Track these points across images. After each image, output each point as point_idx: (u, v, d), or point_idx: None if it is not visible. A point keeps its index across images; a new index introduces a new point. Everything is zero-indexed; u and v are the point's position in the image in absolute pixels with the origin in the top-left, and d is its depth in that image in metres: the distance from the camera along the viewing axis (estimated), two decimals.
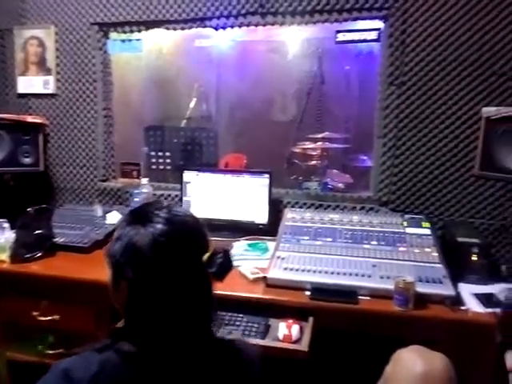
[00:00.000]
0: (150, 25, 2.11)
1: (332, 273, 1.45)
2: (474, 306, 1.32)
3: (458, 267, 1.50)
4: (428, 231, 1.66)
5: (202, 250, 0.79)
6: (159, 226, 0.75)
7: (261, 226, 1.96)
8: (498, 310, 1.27)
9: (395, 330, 1.30)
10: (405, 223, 1.72)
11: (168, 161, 2.53)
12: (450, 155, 1.81)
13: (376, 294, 1.37)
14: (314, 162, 3.00)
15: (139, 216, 0.78)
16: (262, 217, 1.96)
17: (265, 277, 1.46)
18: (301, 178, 2.47)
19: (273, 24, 1.98)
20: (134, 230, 0.75)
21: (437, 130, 1.81)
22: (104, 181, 2.31)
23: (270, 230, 1.94)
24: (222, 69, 3.19)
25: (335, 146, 3.08)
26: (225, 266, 1.50)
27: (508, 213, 1.79)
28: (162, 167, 2.53)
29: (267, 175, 1.95)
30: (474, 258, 1.48)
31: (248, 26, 2.01)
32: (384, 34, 1.84)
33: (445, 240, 1.65)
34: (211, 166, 2.38)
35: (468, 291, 1.41)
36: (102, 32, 2.19)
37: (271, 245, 1.78)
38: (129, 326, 0.75)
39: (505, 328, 0.49)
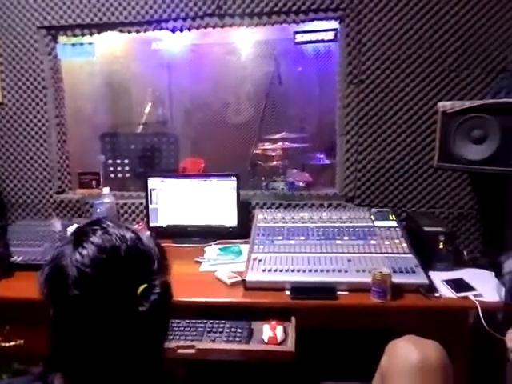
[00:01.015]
0: (102, 27, 2.02)
1: (310, 271, 1.46)
2: (446, 292, 1.38)
3: (425, 256, 1.56)
4: (395, 223, 1.72)
5: (139, 281, 0.63)
6: (86, 253, 0.63)
7: (231, 229, 1.94)
8: (469, 294, 1.34)
9: (375, 323, 1.34)
10: (372, 217, 1.78)
11: (127, 168, 2.44)
12: (410, 149, 1.89)
13: (354, 288, 1.39)
14: (275, 163, 3.03)
15: (75, 237, 0.67)
16: (231, 220, 1.94)
17: (243, 280, 1.44)
18: (263, 178, 2.47)
19: (230, 26, 1.96)
20: (62, 254, 0.65)
21: (396, 125, 1.88)
22: (60, 193, 2.18)
23: (241, 232, 1.93)
24: (178, 72, 3.12)
25: (294, 145, 3.13)
26: (159, 303, 1.16)
27: (465, 202, 1.90)
28: (120, 175, 2.43)
29: (234, 178, 1.93)
30: (441, 245, 1.55)
31: (205, 27, 1.98)
32: (341, 34, 1.88)
33: (411, 230, 1.71)
34: (173, 172, 2.33)
35: (438, 278, 1.48)
36: (50, 36, 2.07)
37: (244, 247, 1.76)
38: (56, 358, 0.66)
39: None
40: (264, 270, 1.48)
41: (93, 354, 0.63)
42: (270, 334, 1.27)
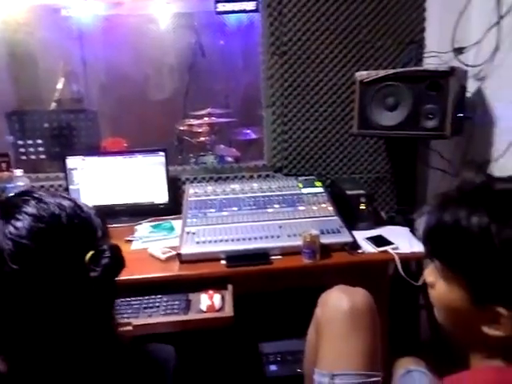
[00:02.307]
0: None
1: (243, 239, 1.49)
2: (368, 248, 1.50)
3: (349, 217, 1.67)
4: (321, 189, 1.81)
5: (84, 249, 0.61)
6: (21, 225, 0.58)
7: (161, 206, 1.90)
8: (388, 247, 1.47)
9: (308, 281, 1.42)
10: (300, 185, 1.85)
11: (41, 149, 2.25)
12: (331, 118, 1.98)
13: (286, 252, 1.45)
14: (202, 139, 3.00)
15: (2, 210, 0.61)
16: (161, 196, 1.90)
17: (178, 254, 1.44)
18: (191, 155, 2.44)
19: None
20: None
21: (318, 96, 1.95)
22: None
23: (172, 208, 1.90)
24: (91, 44, 2.91)
25: (221, 120, 3.12)
26: (112, 266, 1.26)
27: (381, 166, 2.05)
28: (34, 157, 2.24)
29: (162, 153, 1.88)
30: (362, 207, 1.67)
31: None
32: (262, 5, 1.88)
33: (335, 195, 1.82)
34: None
35: (361, 236, 1.59)
36: None
37: (176, 223, 1.74)
38: None
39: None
40: (198, 243, 1.48)
41: (38, 332, 0.59)
42: (208, 302, 1.29)
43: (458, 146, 1.85)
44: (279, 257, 1.45)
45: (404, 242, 1.55)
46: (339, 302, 0.91)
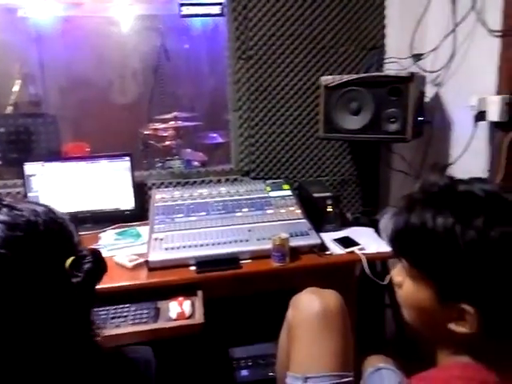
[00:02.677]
0: None
1: (213, 244, 1.48)
2: (336, 250, 1.53)
3: (316, 219, 1.70)
4: (289, 192, 1.83)
5: (63, 255, 0.60)
6: None
7: (127, 213, 1.85)
8: (355, 248, 1.51)
9: (278, 284, 1.42)
10: (268, 188, 1.86)
11: None
12: (297, 122, 2.01)
13: (256, 256, 1.45)
14: (168, 143, 2.96)
15: None
16: (127, 202, 1.85)
17: (146, 261, 1.40)
18: (158, 159, 2.40)
19: None
20: None
21: (284, 100, 1.97)
22: None
23: (138, 214, 1.86)
24: (50, 46, 2.80)
25: (186, 124, 3.09)
26: (95, 271, 1.28)
27: (346, 169, 2.10)
28: None
29: (128, 158, 1.84)
30: (329, 209, 1.70)
31: None
32: (227, 9, 1.89)
33: (303, 198, 1.84)
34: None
35: (328, 238, 1.62)
36: None
37: (142, 230, 1.71)
38: None
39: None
40: (167, 249, 1.45)
41: (18, 339, 0.56)
42: (178, 310, 1.27)
43: (418, 148, 1.92)
44: (249, 261, 1.45)
45: (370, 242, 1.59)
46: (311, 304, 0.92)
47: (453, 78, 1.76)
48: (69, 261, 0.59)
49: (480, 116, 1.52)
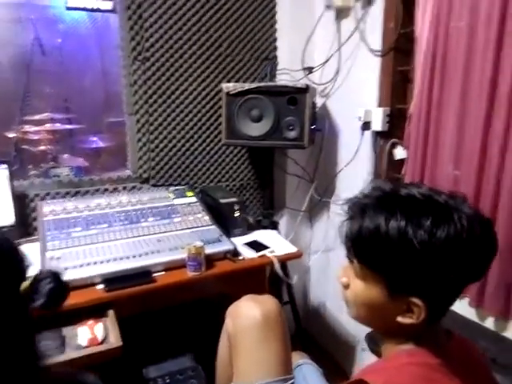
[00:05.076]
0: None
1: (121, 258, 1.37)
2: (248, 254, 1.56)
3: (223, 225, 1.71)
4: (194, 199, 1.80)
5: (17, 280, 0.59)
6: None
7: (7, 229, 1.59)
8: (266, 251, 1.55)
9: (194, 294, 1.39)
10: (171, 195, 1.80)
11: None
12: (197, 128, 1.98)
13: (169, 267, 1.40)
14: (43, 147, 2.63)
15: None
16: (5, 217, 1.59)
17: None
18: (42, 165, 2.12)
19: None
20: None
21: (183, 105, 1.93)
22: None
23: (20, 231, 1.62)
24: None
25: (62, 127, 2.79)
26: (57, 291, 1.07)
27: (244, 174, 2.16)
28: None
29: (4, 165, 1.58)
30: (237, 214, 1.73)
31: None
32: (120, 6, 1.76)
33: (207, 204, 1.83)
34: None
35: (238, 243, 1.64)
36: None
37: (29, 248, 1.49)
38: None
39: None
40: (67, 268, 1.29)
41: None
42: (89, 335, 1.14)
43: (311, 154, 2.08)
44: (162, 273, 1.38)
45: (277, 244, 1.66)
46: (251, 312, 0.92)
47: (338, 91, 1.96)
48: (24, 285, 0.57)
49: (366, 126, 1.72)
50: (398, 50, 1.61)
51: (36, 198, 1.72)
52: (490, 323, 1.30)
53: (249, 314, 0.93)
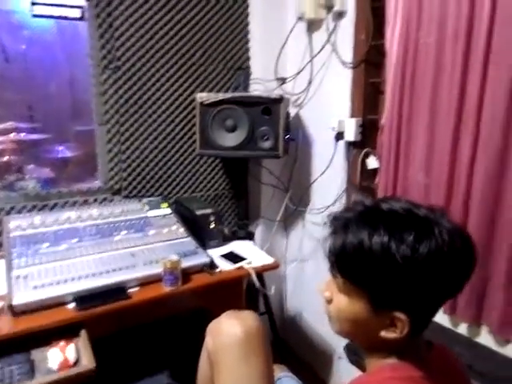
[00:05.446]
0: None
1: (93, 275, 1.32)
2: (224, 266, 1.53)
3: (198, 236, 1.68)
4: (168, 210, 1.76)
5: None
6: None
7: None
8: (243, 263, 1.54)
9: (170, 309, 1.35)
10: (145, 207, 1.75)
11: None
12: (170, 138, 1.95)
13: (145, 282, 1.36)
14: (6, 158, 2.51)
15: None
16: None
17: (10, 305, 1.16)
18: (6, 177, 2.02)
19: None
20: None
21: (156, 114, 1.89)
22: None
23: None
24: None
25: (27, 137, 2.69)
26: None
27: (219, 184, 2.14)
28: None
29: None
30: (212, 225, 1.70)
31: None
32: (90, 14, 1.72)
33: (182, 215, 1.79)
34: None
35: (214, 255, 1.62)
36: None
37: None
38: None
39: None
40: (35, 287, 1.23)
41: None
42: (60, 357, 1.09)
43: (286, 164, 2.09)
44: (137, 288, 1.34)
45: (253, 255, 1.65)
46: (233, 329, 0.90)
47: (311, 101, 1.98)
48: None
49: (339, 136, 1.75)
50: (369, 62, 1.65)
51: (1, 213, 1.64)
52: (463, 329, 1.34)
53: (230, 332, 0.91)
